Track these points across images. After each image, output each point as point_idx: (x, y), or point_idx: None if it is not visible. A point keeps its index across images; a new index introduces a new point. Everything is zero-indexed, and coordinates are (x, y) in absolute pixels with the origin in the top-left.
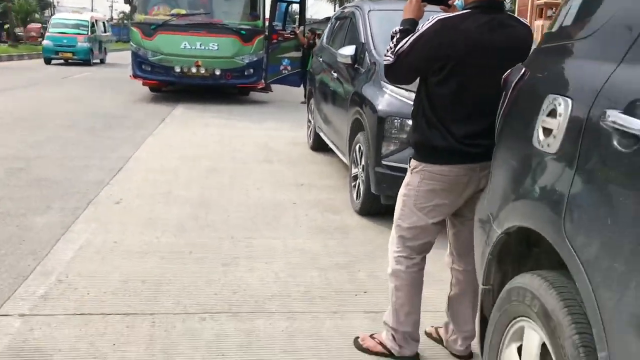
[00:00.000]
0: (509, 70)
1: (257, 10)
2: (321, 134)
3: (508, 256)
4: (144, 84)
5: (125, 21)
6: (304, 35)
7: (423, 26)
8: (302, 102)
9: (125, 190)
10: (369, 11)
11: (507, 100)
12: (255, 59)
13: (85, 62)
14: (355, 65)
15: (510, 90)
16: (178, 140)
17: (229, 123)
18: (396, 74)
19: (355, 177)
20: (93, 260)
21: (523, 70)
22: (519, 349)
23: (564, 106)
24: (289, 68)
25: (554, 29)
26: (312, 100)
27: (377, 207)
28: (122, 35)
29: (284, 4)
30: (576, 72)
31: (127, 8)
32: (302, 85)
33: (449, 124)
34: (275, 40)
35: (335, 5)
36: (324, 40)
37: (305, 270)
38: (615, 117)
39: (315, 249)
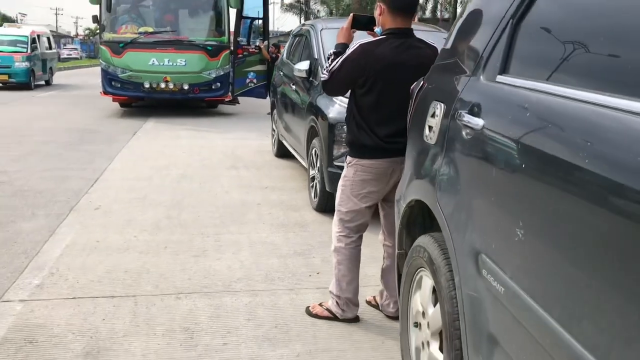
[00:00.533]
0: (415, 83)
1: (222, 26)
2: (283, 142)
3: (415, 226)
4: (114, 100)
5: (91, 37)
6: (267, 50)
7: (348, 50)
8: (268, 113)
9: (104, 197)
10: (321, 29)
11: (412, 106)
12: (222, 73)
13: (25, 86)
14: (310, 79)
15: (414, 98)
16: (150, 152)
17: (198, 134)
18: (331, 88)
19: (313, 178)
20: (79, 256)
21: (422, 83)
22: None
23: (439, 109)
24: (254, 81)
25: (445, 49)
26: (274, 111)
27: (331, 203)
28: (90, 52)
29: (248, 20)
30: (448, 84)
31: (92, 25)
32: (268, 97)
33: (373, 126)
34: (240, 55)
35: (300, 17)
36: (284, 55)
37: (267, 258)
38: (464, 116)
39: (277, 240)
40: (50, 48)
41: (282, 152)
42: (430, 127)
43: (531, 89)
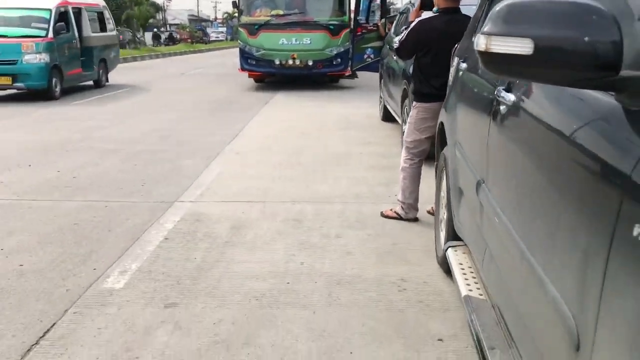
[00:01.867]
0: (455, 47)
1: (343, 7)
2: (387, 106)
3: (444, 143)
4: (249, 76)
5: (229, 21)
6: (384, 27)
7: (411, 25)
8: None
9: (241, 146)
10: None
11: (452, 63)
12: (342, 50)
13: (41, 92)
14: None
15: (452, 57)
16: (278, 117)
17: (318, 104)
18: (401, 53)
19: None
20: (226, 180)
21: (456, 47)
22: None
23: (456, 61)
24: (372, 56)
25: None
26: (382, 80)
27: None
28: (228, 35)
29: (367, 0)
30: (464, 44)
31: (230, 9)
32: None
33: (430, 79)
34: (359, 33)
35: None
36: (392, 30)
37: (358, 186)
38: (460, 64)
39: (368, 176)
40: (104, 29)
41: (387, 116)
42: (451, 74)
43: None
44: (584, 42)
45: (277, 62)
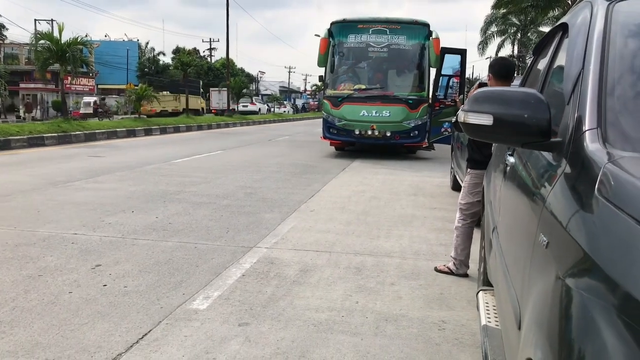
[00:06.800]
0: None
1: (423, 83)
2: (457, 176)
3: None
4: (331, 144)
5: (317, 93)
6: (462, 103)
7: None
8: None
9: (316, 205)
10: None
11: None
12: (420, 123)
13: None
14: None
15: None
16: (353, 182)
17: (392, 172)
18: (457, 126)
19: None
20: (298, 232)
21: None
22: None
23: None
24: (449, 130)
25: None
26: (453, 152)
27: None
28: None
29: (446, 77)
30: None
31: (319, 82)
32: None
33: (481, 149)
34: (437, 107)
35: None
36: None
37: (418, 245)
38: None
39: (430, 237)
40: None
41: (457, 186)
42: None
43: None
44: (524, 117)
45: (357, 132)
